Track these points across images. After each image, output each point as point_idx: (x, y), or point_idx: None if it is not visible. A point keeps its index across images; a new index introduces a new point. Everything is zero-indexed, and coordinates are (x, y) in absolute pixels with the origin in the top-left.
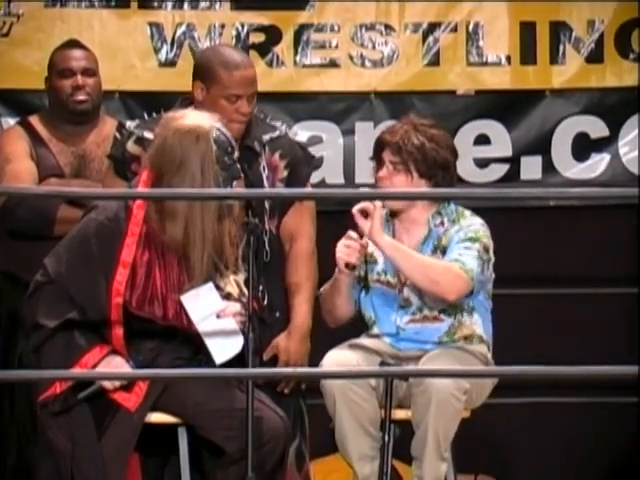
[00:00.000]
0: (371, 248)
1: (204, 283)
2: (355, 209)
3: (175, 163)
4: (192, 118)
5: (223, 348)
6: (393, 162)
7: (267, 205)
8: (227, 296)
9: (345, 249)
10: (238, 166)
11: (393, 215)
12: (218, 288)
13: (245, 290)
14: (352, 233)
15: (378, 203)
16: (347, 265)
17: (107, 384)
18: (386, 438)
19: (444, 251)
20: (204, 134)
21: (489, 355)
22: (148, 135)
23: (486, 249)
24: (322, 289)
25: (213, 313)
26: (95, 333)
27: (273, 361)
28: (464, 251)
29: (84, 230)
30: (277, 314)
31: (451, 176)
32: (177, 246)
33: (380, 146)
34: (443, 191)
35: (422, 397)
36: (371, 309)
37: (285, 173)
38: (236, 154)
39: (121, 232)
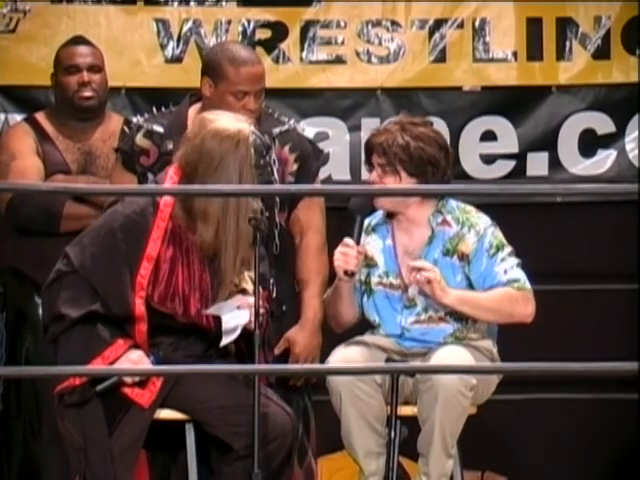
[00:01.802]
0: (371, 251)
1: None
2: (411, 280)
3: (212, 165)
4: (231, 122)
5: (231, 332)
6: (381, 164)
7: (277, 198)
8: (242, 292)
9: (342, 257)
10: (269, 169)
11: (390, 216)
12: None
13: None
14: (348, 240)
15: (431, 268)
16: (346, 272)
17: (126, 377)
18: (392, 434)
19: (462, 257)
20: (244, 139)
21: (494, 350)
22: (157, 128)
23: (512, 250)
24: (325, 295)
25: (235, 306)
26: (116, 326)
27: (285, 354)
28: (504, 265)
29: (110, 223)
30: (284, 307)
31: (442, 172)
32: (207, 248)
33: (369, 149)
34: (449, 187)
35: (429, 393)
36: (375, 312)
37: (295, 166)
38: (269, 157)
39: (147, 226)
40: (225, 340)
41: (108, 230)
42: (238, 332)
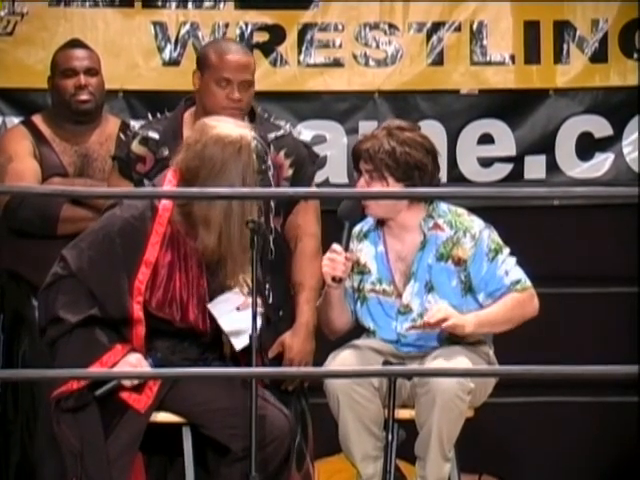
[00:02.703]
0: (363, 258)
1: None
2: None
3: (214, 171)
4: (233, 128)
5: (240, 336)
6: (368, 170)
7: (272, 203)
8: None
9: (330, 263)
10: (269, 174)
11: (380, 223)
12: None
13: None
14: (336, 246)
15: (445, 314)
16: (334, 279)
17: (125, 381)
18: (389, 438)
19: (458, 262)
20: (246, 145)
21: (491, 352)
22: (152, 135)
23: (509, 251)
24: (317, 303)
25: (234, 307)
26: (114, 331)
27: (278, 358)
28: (505, 266)
29: (108, 227)
30: (280, 312)
31: (430, 176)
32: (210, 254)
33: (356, 156)
34: (446, 190)
35: (426, 397)
36: (369, 319)
37: (290, 172)
38: (269, 162)
39: (146, 231)
40: (238, 343)
41: (106, 234)
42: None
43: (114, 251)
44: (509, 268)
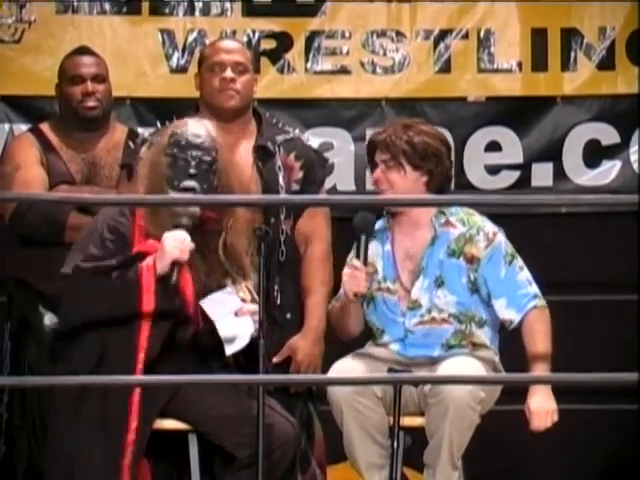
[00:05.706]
0: (371, 258)
1: (220, 288)
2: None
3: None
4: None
5: (234, 342)
6: (384, 160)
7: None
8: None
9: (351, 279)
10: (210, 168)
11: (393, 216)
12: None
13: (256, 296)
14: (356, 262)
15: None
16: (355, 294)
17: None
18: (395, 445)
19: (471, 260)
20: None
21: (496, 359)
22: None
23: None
24: (331, 306)
25: (231, 312)
26: (122, 326)
27: (287, 362)
28: (524, 274)
29: (94, 231)
30: (288, 315)
31: (446, 167)
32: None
33: (372, 149)
34: (453, 197)
35: (438, 407)
36: (377, 318)
37: (300, 174)
38: (210, 156)
39: (129, 224)
40: (230, 349)
41: (95, 237)
42: (246, 341)
43: (107, 247)
44: (530, 278)
